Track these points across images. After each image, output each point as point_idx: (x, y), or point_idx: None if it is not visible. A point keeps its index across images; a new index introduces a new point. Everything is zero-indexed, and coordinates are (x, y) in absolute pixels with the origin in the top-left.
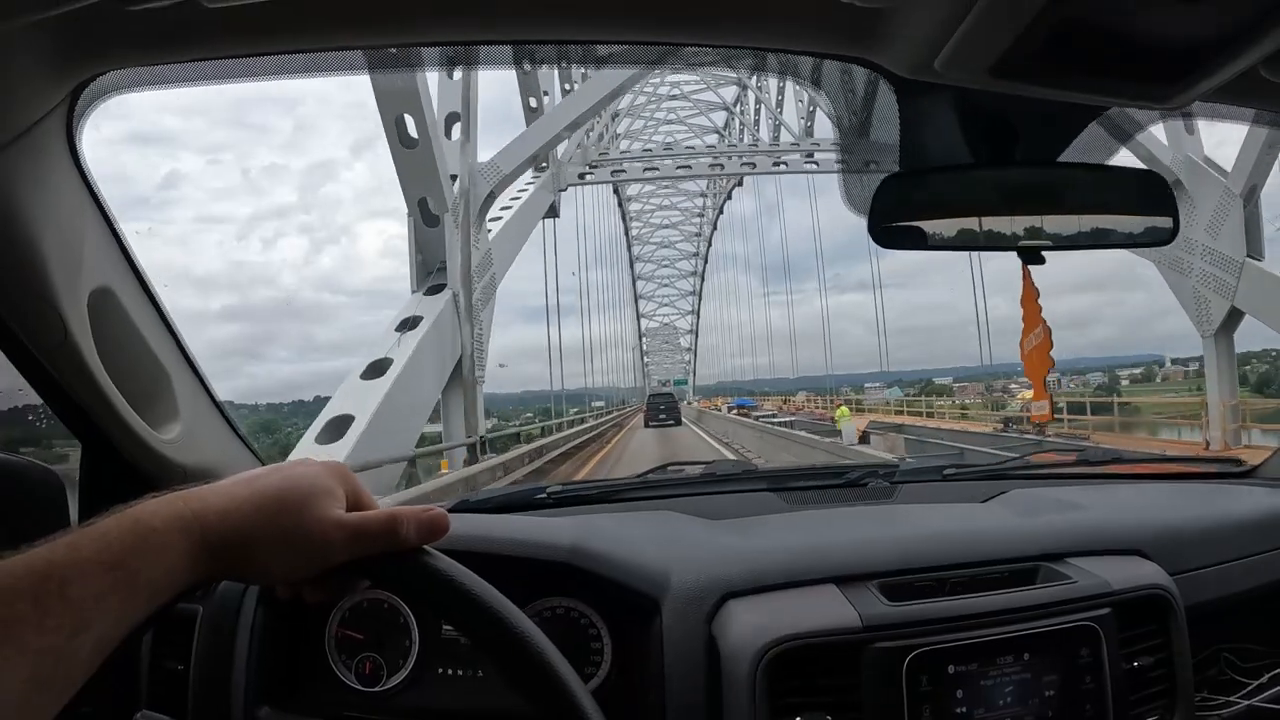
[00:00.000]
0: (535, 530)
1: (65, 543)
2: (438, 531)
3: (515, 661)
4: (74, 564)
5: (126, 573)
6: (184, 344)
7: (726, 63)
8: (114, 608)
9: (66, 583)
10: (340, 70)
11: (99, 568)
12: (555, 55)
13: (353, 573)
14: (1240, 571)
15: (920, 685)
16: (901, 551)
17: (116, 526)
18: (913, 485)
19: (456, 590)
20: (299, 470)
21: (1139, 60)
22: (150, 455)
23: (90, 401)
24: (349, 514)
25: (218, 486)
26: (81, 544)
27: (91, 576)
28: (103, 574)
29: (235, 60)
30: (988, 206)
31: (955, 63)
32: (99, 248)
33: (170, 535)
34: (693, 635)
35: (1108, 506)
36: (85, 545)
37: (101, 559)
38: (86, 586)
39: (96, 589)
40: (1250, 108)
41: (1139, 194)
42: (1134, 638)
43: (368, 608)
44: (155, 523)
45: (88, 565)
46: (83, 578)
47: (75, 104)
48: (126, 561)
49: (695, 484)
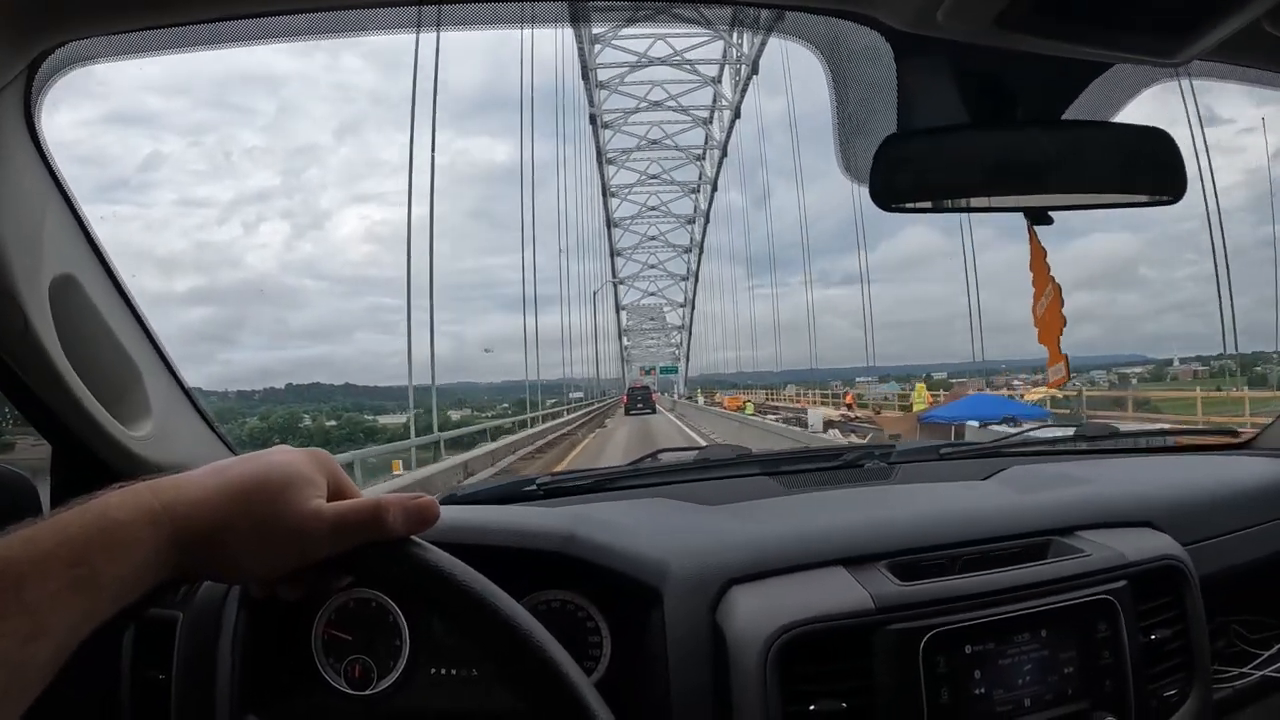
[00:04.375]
0: (528, 521)
1: (21, 537)
2: (427, 520)
3: (514, 657)
4: (31, 561)
5: (89, 570)
6: (154, 334)
7: (718, 19)
8: (75, 609)
9: (22, 582)
10: (308, 34)
11: (59, 564)
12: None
13: (335, 568)
14: (1246, 542)
15: (937, 666)
16: (908, 531)
17: (79, 520)
18: (910, 465)
19: (449, 583)
20: (276, 458)
21: (1143, 11)
22: (122, 453)
23: (55, 398)
24: (330, 504)
25: (189, 476)
26: (39, 539)
27: (50, 575)
28: (63, 571)
29: (203, 26)
30: (991, 166)
31: (958, 13)
32: (61, 232)
33: (137, 529)
34: (697, 624)
35: (1112, 480)
36: (43, 540)
37: (61, 555)
38: (44, 586)
39: (55, 588)
40: (1255, 67)
41: (1146, 151)
42: (1150, 610)
43: (355, 608)
44: (121, 515)
45: (46, 562)
46: (40, 576)
47: (33, 78)
48: (89, 558)
49: (688, 470)
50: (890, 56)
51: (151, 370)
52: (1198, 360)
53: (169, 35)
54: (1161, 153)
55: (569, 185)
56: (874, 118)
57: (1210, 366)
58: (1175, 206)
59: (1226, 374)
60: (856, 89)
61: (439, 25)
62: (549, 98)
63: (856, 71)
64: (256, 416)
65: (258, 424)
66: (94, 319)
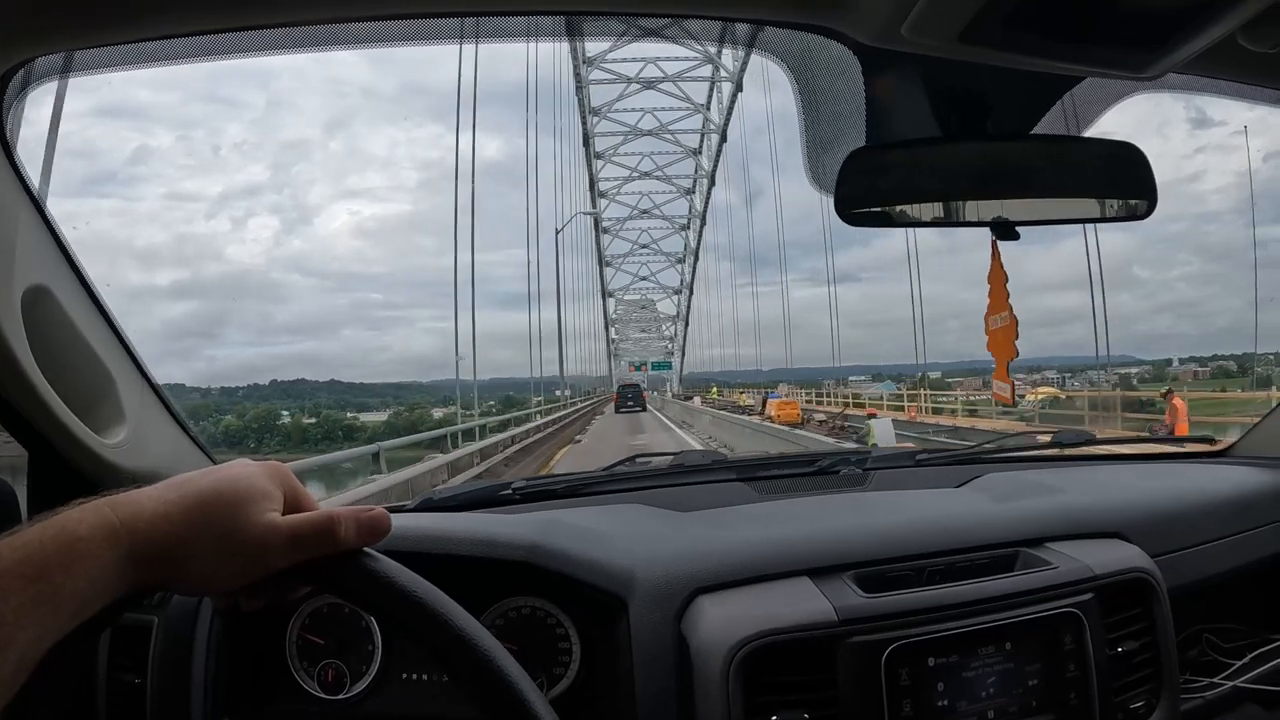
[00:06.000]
0: (496, 528)
1: None
2: (378, 532)
3: (462, 665)
4: None
5: (49, 585)
6: (129, 342)
7: (686, 33)
8: (36, 622)
9: None
10: (283, 48)
11: (19, 581)
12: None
13: (292, 578)
14: (1219, 551)
15: (900, 679)
16: (876, 540)
17: (39, 536)
18: (885, 472)
19: (398, 593)
20: (233, 472)
21: (1113, 26)
22: (96, 461)
23: (28, 407)
24: (285, 517)
25: (149, 491)
26: (1, 555)
27: (11, 590)
28: (24, 587)
29: (175, 40)
30: (959, 181)
31: (922, 28)
32: (33, 244)
33: (95, 544)
34: (661, 634)
35: (1085, 489)
36: (4, 556)
37: (23, 571)
38: (6, 601)
39: (16, 603)
40: (1228, 79)
41: (1116, 166)
42: (1117, 623)
43: (328, 612)
44: (81, 531)
45: (7, 578)
46: (2, 592)
47: (4, 92)
48: (49, 574)
49: (664, 476)
50: (859, 70)
51: (125, 378)
52: (1194, 361)
53: (140, 50)
54: (1132, 167)
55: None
56: (844, 130)
57: (1208, 367)
58: (1160, 209)
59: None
60: (826, 102)
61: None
62: (544, 98)
63: (825, 84)
64: (232, 414)
65: (233, 421)
66: (67, 329)
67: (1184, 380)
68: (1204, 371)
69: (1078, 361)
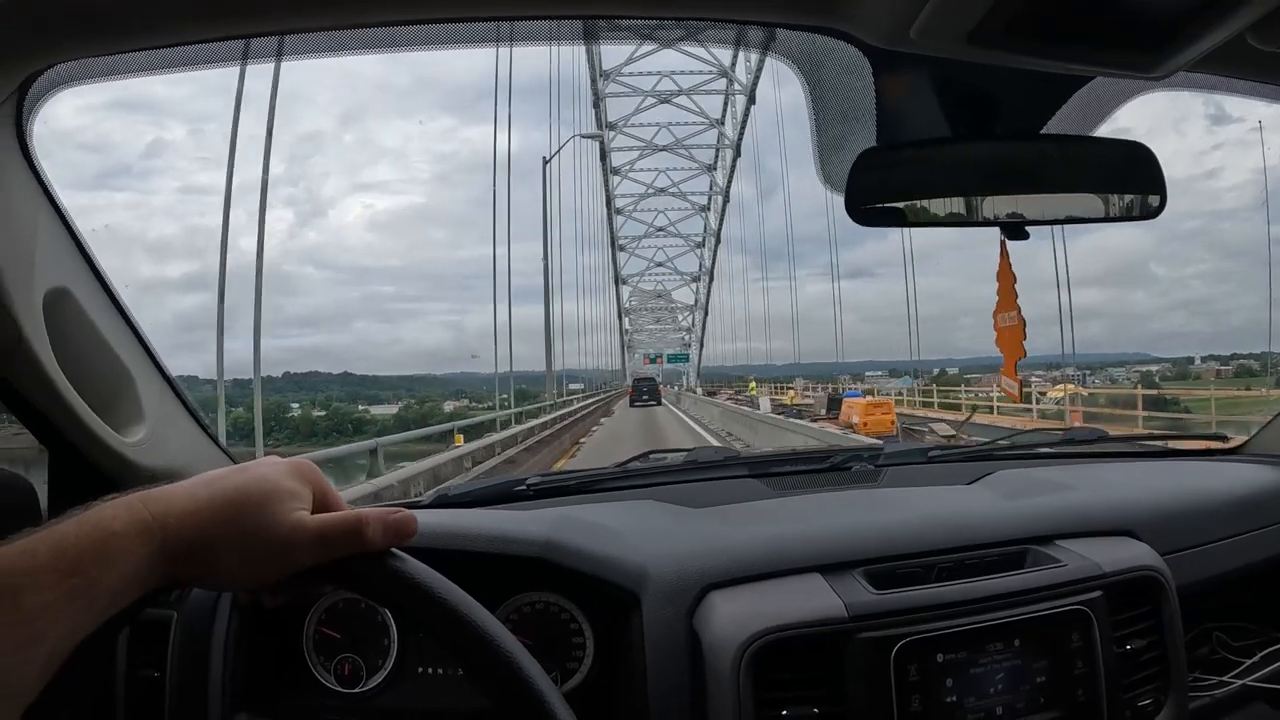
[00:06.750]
0: (510, 525)
1: (19, 548)
2: (405, 534)
3: (484, 665)
4: (29, 572)
5: (84, 580)
6: (148, 342)
7: (695, 36)
8: (69, 617)
9: (20, 593)
10: (296, 54)
11: (54, 576)
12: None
13: (318, 577)
14: (1230, 550)
15: (909, 675)
16: (887, 537)
17: (75, 531)
18: (898, 468)
19: (423, 594)
20: (262, 470)
21: (1122, 27)
22: (116, 459)
23: (50, 407)
24: (313, 516)
25: (179, 487)
26: (38, 550)
27: (45, 585)
28: (58, 582)
29: (192, 47)
30: (969, 180)
31: (931, 30)
32: (54, 247)
33: (130, 540)
34: (674, 629)
35: (1096, 487)
36: (41, 551)
37: (58, 566)
38: (41, 595)
39: (52, 598)
40: (1238, 78)
41: (1125, 165)
42: (1126, 620)
43: (344, 607)
44: (115, 527)
45: (43, 573)
46: (37, 586)
47: (24, 98)
48: (84, 569)
49: (677, 472)
50: (869, 71)
51: (145, 377)
52: (1215, 359)
53: (159, 56)
54: (1142, 166)
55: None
56: (854, 130)
57: (1230, 365)
58: (1174, 206)
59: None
60: (837, 102)
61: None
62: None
63: (836, 86)
64: (242, 407)
65: (243, 414)
66: (88, 329)
67: (1207, 378)
68: (1226, 370)
69: (1094, 359)
